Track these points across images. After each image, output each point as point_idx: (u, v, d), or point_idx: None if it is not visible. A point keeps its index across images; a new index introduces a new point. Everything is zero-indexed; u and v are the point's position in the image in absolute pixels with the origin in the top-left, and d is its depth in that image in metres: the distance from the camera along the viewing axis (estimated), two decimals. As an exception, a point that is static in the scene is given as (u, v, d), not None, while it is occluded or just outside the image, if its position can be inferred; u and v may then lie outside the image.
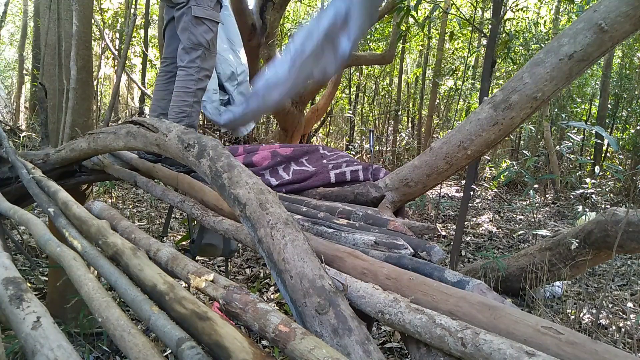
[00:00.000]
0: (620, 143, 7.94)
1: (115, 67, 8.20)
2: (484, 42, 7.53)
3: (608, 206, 5.73)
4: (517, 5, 5.75)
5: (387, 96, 11.27)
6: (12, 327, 0.87)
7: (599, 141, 7.24)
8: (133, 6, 8.19)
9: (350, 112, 10.60)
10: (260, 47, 4.89)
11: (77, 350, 0.78)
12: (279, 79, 2.34)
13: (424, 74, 10.48)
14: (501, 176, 4.39)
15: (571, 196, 6.94)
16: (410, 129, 11.88)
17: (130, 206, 5.76)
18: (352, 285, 0.93)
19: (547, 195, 7.72)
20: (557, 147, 7.08)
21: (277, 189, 2.02)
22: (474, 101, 8.62)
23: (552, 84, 1.70)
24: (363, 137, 11.19)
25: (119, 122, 6.58)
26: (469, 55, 8.44)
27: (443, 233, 5.60)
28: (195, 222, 2.87)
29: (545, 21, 8.51)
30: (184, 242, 3.30)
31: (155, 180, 2.03)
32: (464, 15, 5.79)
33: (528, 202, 6.88)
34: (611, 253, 2.84)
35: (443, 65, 9.40)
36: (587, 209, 4.76)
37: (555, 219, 6.36)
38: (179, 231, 4.99)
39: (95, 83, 7.08)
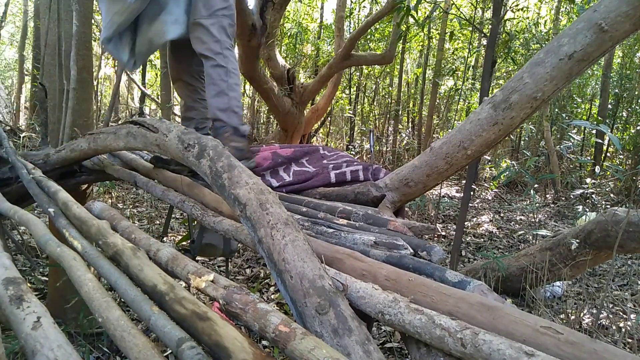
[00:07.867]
0: (621, 143, 7.93)
1: (116, 67, 8.19)
2: (484, 42, 7.53)
3: (608, 206, 5.72)
4: (517, 5, 5.74)
5: (387, 96, 11.26)
6: (12, 327, 0.87)
7: (600, 141, 7.24)
8: (133, 6, 8.15)
9: (351, 112, 10.59)
10: (260, 47, 4.89)
11: (77, 351, 0.78)
12: None
13: (424, 74, 10.47)
14: (501, 176, 4.39)
15: (571, 196, 6.93)
16: (410, 129, 11.88)
17: (131, 206, 5.77)
18: (352, 286, 0.93)
19: (547, 195, 7.72)
20: (558, 147, 7.08)
21: (277, 189, 2.01)
22: (474, 101, 8.60)
23: (552, 84, 1.70)
24: (363, 137, 11.19)
25: (119, 122, 6.58)
26: (469, 55, 8.43)
27: (443, 233, 5.60)
28: (195, 222, 2.86)
29: (545, 21, 8.52)
30: (184, 242, 3.29)
31: (155, 181, 2.03)
32: (464, 15, 5.79)
33: (528, 202, 6.88)
34: (611, 253, 2.84)
35: (443, 66, 9.38)
36: (587, 209, 4.75)
37: (555, 219, 6.36)
38: (179, 231, 4.99)
39: (95, 83, 7.06)
